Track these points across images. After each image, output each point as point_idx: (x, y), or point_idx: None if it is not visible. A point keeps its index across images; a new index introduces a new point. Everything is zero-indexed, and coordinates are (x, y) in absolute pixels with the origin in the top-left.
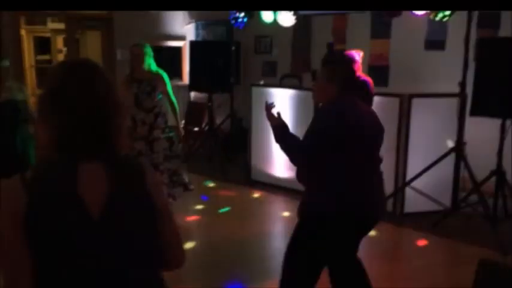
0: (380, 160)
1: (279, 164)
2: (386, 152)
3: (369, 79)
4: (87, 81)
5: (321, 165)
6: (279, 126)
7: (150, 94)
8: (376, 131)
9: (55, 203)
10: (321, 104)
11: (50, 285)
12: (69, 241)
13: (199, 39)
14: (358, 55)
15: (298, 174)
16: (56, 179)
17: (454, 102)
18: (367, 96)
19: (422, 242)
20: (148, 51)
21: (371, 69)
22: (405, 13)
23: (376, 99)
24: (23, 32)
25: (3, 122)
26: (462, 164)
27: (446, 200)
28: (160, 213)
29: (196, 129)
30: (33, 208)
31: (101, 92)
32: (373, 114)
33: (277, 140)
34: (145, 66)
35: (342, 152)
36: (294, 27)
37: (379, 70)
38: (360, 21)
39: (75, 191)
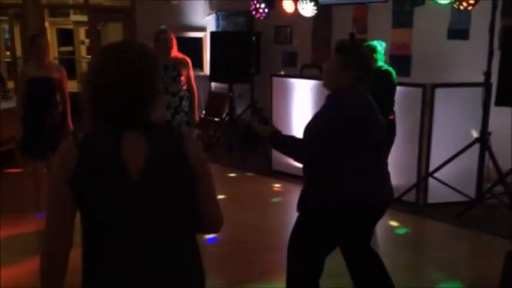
0: (385, 151)
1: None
2: (409, 142)
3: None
4: (125, 60)
5: (323, 159)
6: (271, 135)
7: (176, 79)
8: (381, 123)
9: (100, 165)
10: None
11: (92, 241)
12: (109, 199)
13: (220, 29)
14: (380, 46)
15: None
16: (102, 144)
17: (479, 92)
18: (386, 85)
19: (446, 233)
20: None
21: (392, 59)
22: (428, 2)
23: (399, 89)
24: (46, 24)
25: (42, 99)
26: (487, 155)
27: (471, 191)
28: (199, 178)
29: (216, 119)
30: (81, 168)
31: (138, 70)
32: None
33: (275, 148)
34: (172, 51)
35: (345, 146)
36: (314, 17)
37: (401, 60)
38: (381, 10)
39: (118, 155)
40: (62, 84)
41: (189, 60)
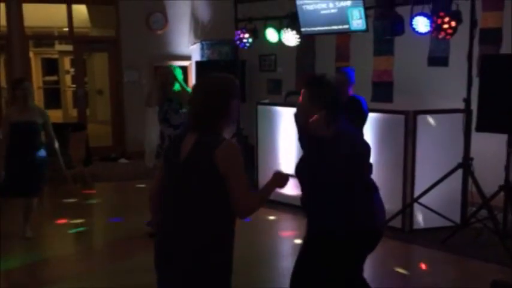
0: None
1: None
2: (394, 168)
3: (361, 97)
4: (196, 90)
5: (330, 190)
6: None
7: (178, 111)
8: (364, 153)
9: (171, 149)
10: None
11: (162, 198)
12: (169, 170)
13: (205, 58)
14: (351, 72)
15: (303, 199)
16: (175, 139)
17: (460, 118)
18: (360, 113)
19: (431, 259)
20: (177, 72)
21: (375, 85)
22: (408, 30)
23: (381, 116)
24: (31, 54)
25: (23, 142)
26: (470, 180)
27: (456, 216)
28: (226, 177)
29: None
30: (169, 147)
31: (200, 97)
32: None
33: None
34: (175, 86)
35: (352, 176)
36: (298, 45)
37: (383, 86)
38: (363, 39)
39: (178, 147)
40: (47, 127)
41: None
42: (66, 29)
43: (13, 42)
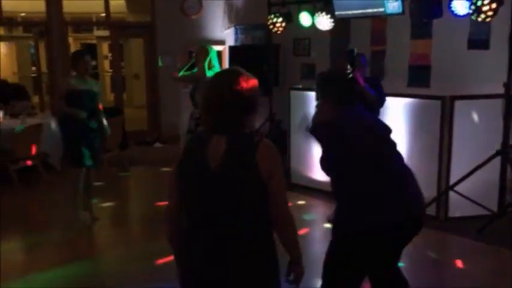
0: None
1: (319, 167)
2: (429, 155)
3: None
4: (217, 87)
5: (339, 185)
6: None
7: None
8: (381, 135)
9: (192, 157)
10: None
11: (189, 217)
12: (194, 183)
13: (239, 43)
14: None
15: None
16: (196, 143)
17: (499, 103)
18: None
19: (467, 248)
20: (213, 53)
21: (411, 69)
22: (446, 13)
23: (417, 101)
24: (70, 40)
25: (84, 109)
26: (508, 167)
27: (493, 204)
28: (267, 180)
29: None
30: (182, 159)
31: (225, 94)
32: (374, 120)
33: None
34: (204, 67)
35: (354, 171)
36: (332, 28)
37: (420, 70)
38: (399, 22)
39: (203, 152)
40: (99, 98)
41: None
42: (104, 15)
43: (53, 28)
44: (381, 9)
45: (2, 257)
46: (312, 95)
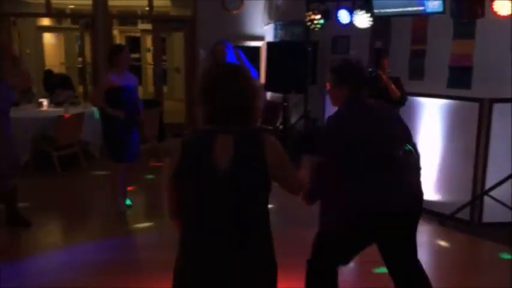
0: (396, 154)
1: None
2: (465, 158)
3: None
4: (224, 82)
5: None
6: None
7: None
8: (387, 128)
9: (195, 160)
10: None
11: (185, 217)
12: (200, 189)
13: (278, 39)
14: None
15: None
16: (198, 144)
17: None
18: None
19: (501, 255)
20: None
21: (451, 70)
22: (489, 14)
23: (454, 103)
24: (115, 32)
25: (124, 105)
26: None
27: None
28: (277, 172)
29: (270, 128)
30: (181, 162)
31: (232, 90)
32: (383, 111)
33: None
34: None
35: (346, 161)
36: (372, 27)
37: (461, 71)
38: (441, 21)
39: (209, 153)
40: (137, 91)
41: None
42: (148, 8)
43: (98, 21)
44: (421, 8)
45: (37, 235)
46: None
